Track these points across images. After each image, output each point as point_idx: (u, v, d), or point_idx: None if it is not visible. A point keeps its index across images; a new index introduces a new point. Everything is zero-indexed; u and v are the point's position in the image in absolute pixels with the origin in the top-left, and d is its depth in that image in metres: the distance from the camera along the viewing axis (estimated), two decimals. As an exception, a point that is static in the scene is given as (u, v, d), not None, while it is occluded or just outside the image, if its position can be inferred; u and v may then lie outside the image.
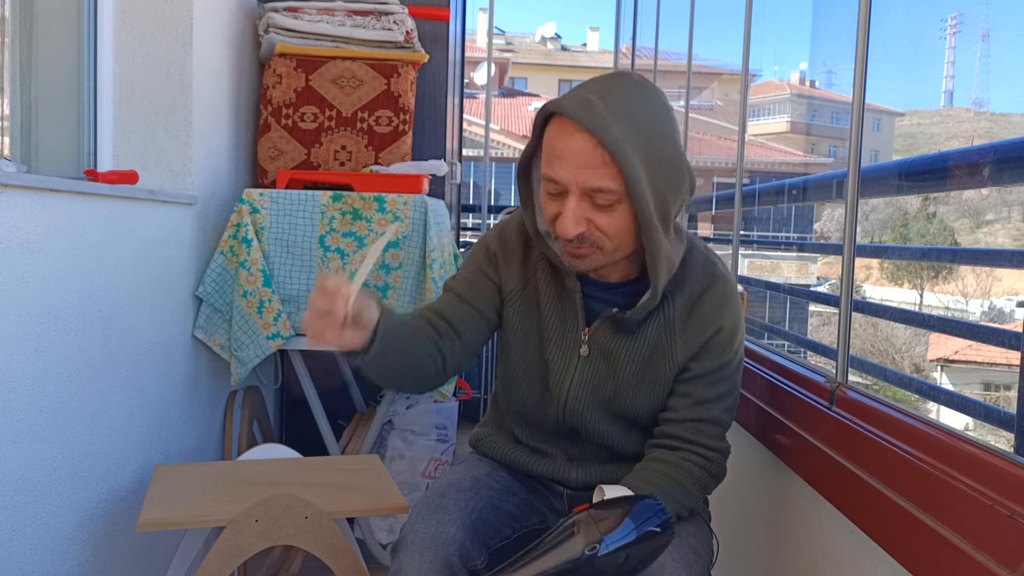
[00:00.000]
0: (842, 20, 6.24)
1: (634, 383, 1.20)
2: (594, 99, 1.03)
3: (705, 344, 1.18)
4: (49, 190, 1.38)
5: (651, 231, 1.06)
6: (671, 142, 1.07)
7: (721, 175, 8.86)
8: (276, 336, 2.09)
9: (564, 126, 1.04)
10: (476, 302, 1.26)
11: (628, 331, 1.19)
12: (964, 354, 7.77)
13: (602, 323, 1.20)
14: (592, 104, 1.02)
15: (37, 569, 1.37)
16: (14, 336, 1.29)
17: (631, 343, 1.19)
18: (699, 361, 1.19)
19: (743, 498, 1.62)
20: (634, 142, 1.02)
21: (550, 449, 1.29)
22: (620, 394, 1.21)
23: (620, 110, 1.03)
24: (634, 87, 1.07)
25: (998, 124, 11.19)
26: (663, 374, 1.20)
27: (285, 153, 2.36)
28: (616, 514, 0.98)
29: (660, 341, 1.18)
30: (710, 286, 1.18)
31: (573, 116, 1.02)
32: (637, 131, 1.03)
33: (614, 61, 4.21)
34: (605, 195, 1.04)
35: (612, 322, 1.19)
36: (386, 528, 2.35)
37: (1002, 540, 0.83)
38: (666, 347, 1.18)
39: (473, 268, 1.29)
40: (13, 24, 1.69)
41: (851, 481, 1.12)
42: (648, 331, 1.19)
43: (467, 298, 1.26)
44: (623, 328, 1.19)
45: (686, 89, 2.74)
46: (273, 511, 1.43)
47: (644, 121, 1.04)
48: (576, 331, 1.21)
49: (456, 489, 1.21)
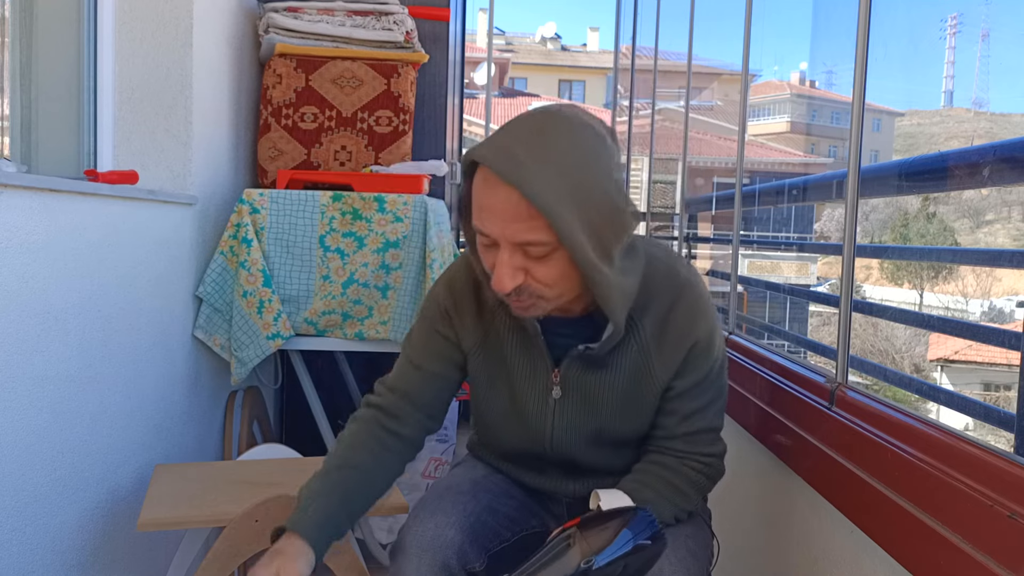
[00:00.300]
0: (842, 20, 6.24)
1: (617, 412, 1.16)
2: (516, 147, 0.95)
3: (684, 360, 1.13)
4: (49, 190, 1.38)
5: (594, 274, 0.99)
6: (605, 178, 0.98)
7: (721, 175, 8.85)
8: (276, 336, 2.09)
9: (487, 177, 0.97)
10: (434, 367, 1.22)
11: (600, 365, 1.13)
12: (964, 354, 7.77)
13: (571, 362, 1.14)
14: (513, 154, 0.95)
15: (37, 569, 1.37)
16: (14, 336, 1.29)
17: (606, 375, 1.14)
18: (681, 378, 1.14)
19: (743, 498, 1.62)
20: (561, 190, 0.94)
21: (543, 466, 1.27)
22: (605, 426, 1.17)
23: (544, 156, 0.95)
24: (560, 126, 0.98)
25: (998, 124, 11.19)
26: (646, 397, 1.15)
27: (285, 153, 2.36)
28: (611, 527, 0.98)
29: (638, 366, 1.13)
30: (678, 299, 1.12)
31: (494, 168, 0.95)
32: (564, 176, 0.95)
33: (614, 61, 4.22)
34: (537, 247, 0.97)
35: (581, 359, 1.13)
36: (386, 528, 2.35)
37: (1002, 540, 0.83)
38: (645, 371, 1.13)
39: (426, 329, 1.23)
40: (13, 24, 1.69)
41: (851, 481, 1.12)
42: (622, 359, 1.13)
43: (424, 365, 1.22)
44: (594, 363, 1.13)
45: (686, 89, 2.74)
46: (273, 511, 1.42)
47: (572, 163, 0.96)
48: (546, 373, 1.16)
49: (454, 492, 1.21)
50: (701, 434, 1.17)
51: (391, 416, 1.21)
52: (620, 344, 1.12)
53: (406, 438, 1.21)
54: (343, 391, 2.67)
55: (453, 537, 1.11)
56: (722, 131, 11.50)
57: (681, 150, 2.84)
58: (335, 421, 2.51)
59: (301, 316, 2.14)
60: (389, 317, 2.14)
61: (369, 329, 2.15)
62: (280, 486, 1.57)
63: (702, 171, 9.30)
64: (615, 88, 4.48)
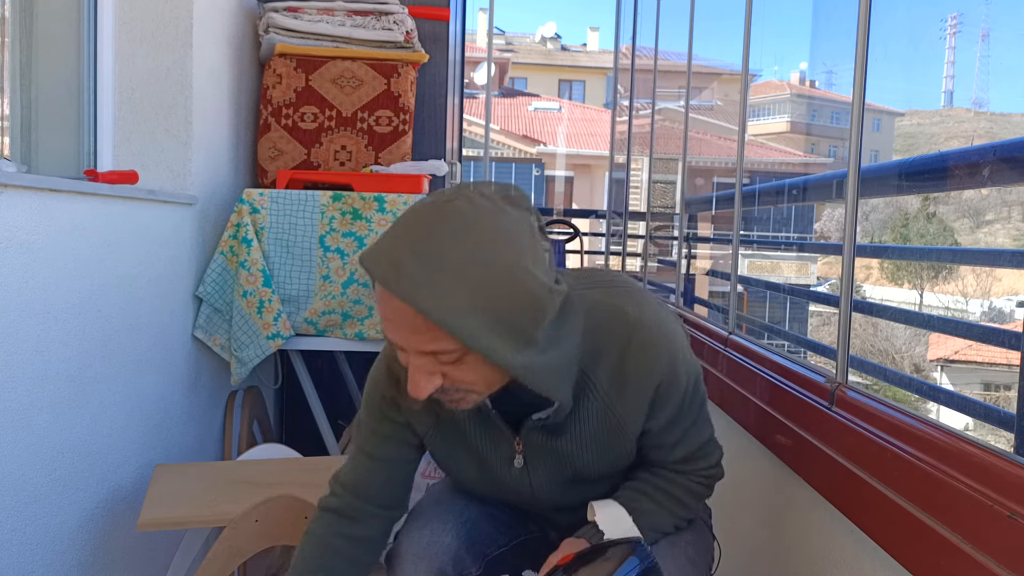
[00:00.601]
0: (842, 20, 6.24)
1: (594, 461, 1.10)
2: (404, 257, 0.87)
3: (652, 402, 1.05)
4: (49, 190, 1.38)
5: (515, 370, 0.90)
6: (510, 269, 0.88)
7: (721, 175, 8.84)
8: (276, 336, 2.09)
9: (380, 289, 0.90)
10: (388, 452, 1.15)
11: (562, 429, 1.07)
12: (964, 354, 7.77)
13: (529, 431, 1.08)
14: (402, 265, 0.87)
15: (37, 569, 1.37)
16: (14, 336, 1.29)
17: (572, 435, 1.08)
18: (654, 418, 1.07)
19: (743, 498, 1.62)
20: (458, 298, 0.86)
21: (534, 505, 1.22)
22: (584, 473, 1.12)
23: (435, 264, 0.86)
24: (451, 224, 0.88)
25: (998, 124, 11.18)
26: (622, 445, 1.09)
27: (285, 153, 2.36)
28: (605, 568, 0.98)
29: (602, 419, 1.06)
30: (628, 343, 1.03)
31: (383, 283, 0.87)
32: (459, 282, 0.86)
33: (614, 61, 4.22)
34: (446, 355, 0.90)
35: (540, 427, 1.07)
36: (386, 528, 2.35)
37: (1002, 540, 0.83)
38: (611, 421, 1.06)
39: (374, 416, 1.16)
40: (13, 24, 1.69)
41: (851, 481, 1.12)
42: (584, 416, 1.06)
43: (376, 453, 1.16)
44: (554, 429, 1.07)
45: (686, 89, 2.74)
46: (273, 511, 1.43)
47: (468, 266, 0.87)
48: (508, 444, 1.10)
49: (451, 496, 1.20)
50: (695, 452, 1.14)
51: (348, 519, 1.16)
52: (577, 403, 1.05)
53: (367, 539, 1.16)
54: (343, 391, 2.67)
55: (449, 543, 1.11)
56: (722, 131, 11.49)
57: (681, 150, 2.84)
58: (335, 421, 2.51)
59: (301, 316, 2.14)
60: (389, 317, 2.14)
61: (369, 329, 2.15)
62: (280, 486, 1.57)
63: (702, 171, 9.29)
64: (615, 88, 4.48)
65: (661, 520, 1.12)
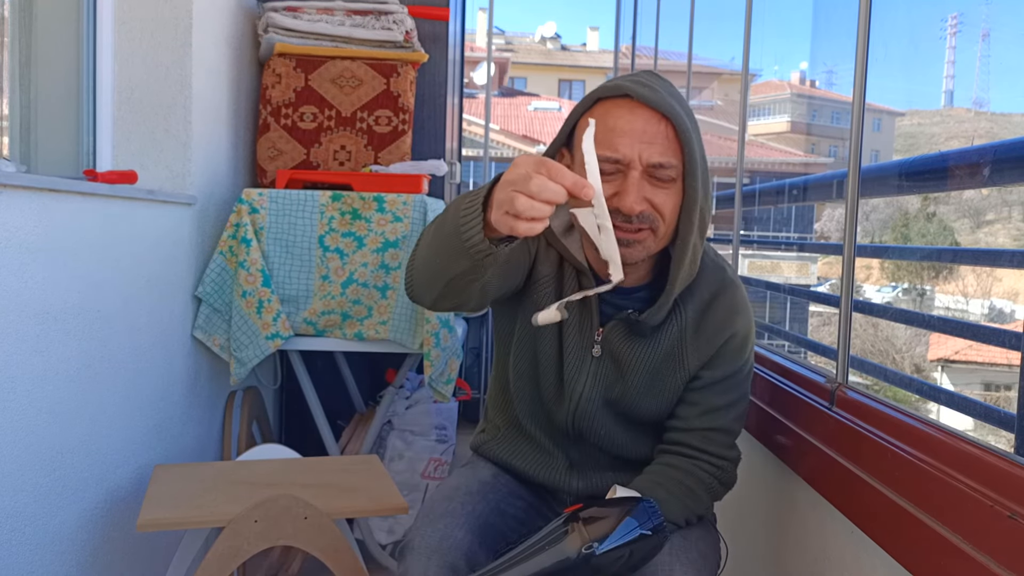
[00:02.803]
0: (842, 20, 6.24)
1: (643, 388, 1.19)
2: (653, 83, 1.07)
3: (717, 351, 1.17)
4: (48, 190, 1.38)
5: (692, 214, 1.08)
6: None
7: (721, 175, 8.85)
8: (275, 336, 2.09)
9: (624, 105, 1.06)
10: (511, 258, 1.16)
11: (641, 335, 1.17)
12: (964, 354, 7.76)
13: (616, 325, 1.18)
14: (651, 85, 1.06)
15: (37, 569, 1.37)
16: (14, 336, 1.29)
17: (642, 348, 1.18)
18: (710, 369, 1.18)
19: (743, 498, 1.62)
20: (689, 123, 1.06)
21: (553, 449, 1.27)
22: (627, 397, 1.20)
23: (673, 94, 1.08)
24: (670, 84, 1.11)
25: (998, 124, 11.18)
26: (673, 381, 1.19)
27: (284, 153, 2.36)
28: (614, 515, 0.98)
29: (672, 348, 1.17)
30: (720, 292, 1.18)
31: (637, 95, 1.04)
32: (688, 115, 1.08)
33: (614, 61, 4.21)
34: (666, 170, 1.05)
35: (626, 325, 1.17)
36: (386, 529, 2.35)
37: (1002, 540, 0.83)
38: (678, 354, 1.18)
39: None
40: (13, 24, 1.69)
41: (851, 481, 1.12)
42: (660, 337, 1.17)
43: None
44: (636, 332, 1.17)
45: (686, 89, 2.74)
46: (273, 511, 1.42)
47: (690, 110, 1.10)
48: (591, 331, 1.19)
49: (463, 492, 1.20)
50: (717, 433, 1.19)
51: None
52: (661, 322, 1.16)
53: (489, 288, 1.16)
54: (343, 391, 2.67)
55: (462, 539, 1.11)
56: (722, 131, 11.48)
57: (681, 150, 2.83)
58: (334, 421, 2.51)
59: (300, 316, 2.14)
60: (388, 317, 2.14)
61: (369, 329, 2.15)
62: (280, 486, 1.57)
63: (702, 171, 9.26)
64: (615, 88, 4.47)
65: (672, 510, 1.15)
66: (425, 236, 1.08)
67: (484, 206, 0.91)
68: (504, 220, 0.86)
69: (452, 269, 0.99)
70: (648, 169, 1.05)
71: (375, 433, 2.33)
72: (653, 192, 1.07)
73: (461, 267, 0.97)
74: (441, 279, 1.03)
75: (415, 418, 2.47)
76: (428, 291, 1.08)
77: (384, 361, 2.56)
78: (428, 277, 1.06)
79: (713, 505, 1.28)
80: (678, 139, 1.05)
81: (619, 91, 1.06)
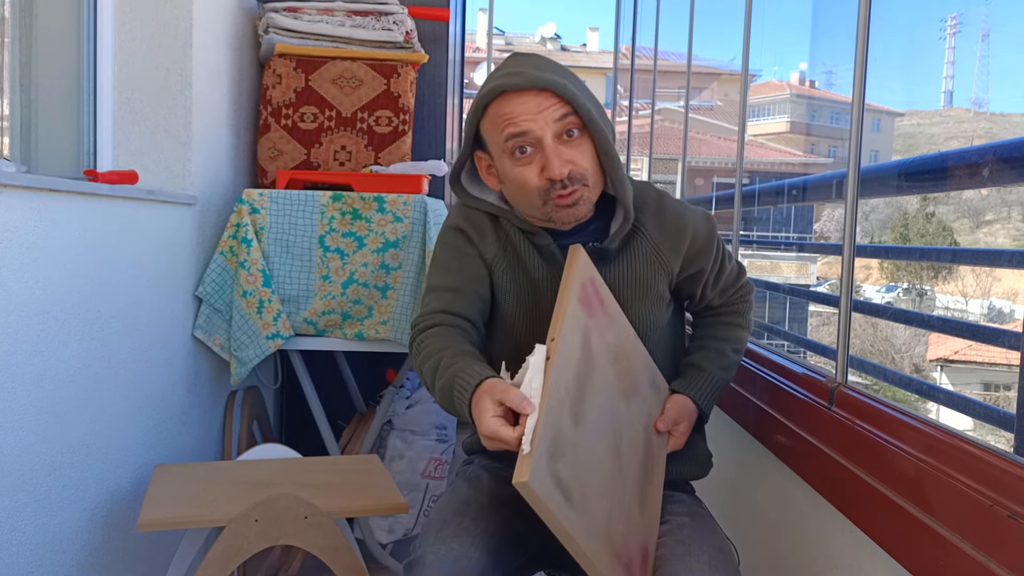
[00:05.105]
0: (842, 20, 6.24)
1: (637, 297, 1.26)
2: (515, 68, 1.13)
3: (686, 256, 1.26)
4: (49, 190, 1.38)
5: (610, 154, 1.16)
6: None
7: (721, 175, 8.84)
8: (276, 336, 2.09)
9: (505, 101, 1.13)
10: (475, 288, 1.26)
11: (611, 259, 1.24)
12: (964, 354, 7.77)
13: None
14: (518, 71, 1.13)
15: (37, 569, 1.37)
16: (14, 336, 1.29)
17: (619, 268, 1.25)
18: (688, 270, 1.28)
19: (743, 498, 1.62)
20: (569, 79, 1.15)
21: None
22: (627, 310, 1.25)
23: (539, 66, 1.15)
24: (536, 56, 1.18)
25: (998, 124, 11.18)
26: (662, 283, 1.27)
27: (285, 153, 2.36)
28: None
29: (647, 254, 1.25)
30: (661, 197, 1.27)
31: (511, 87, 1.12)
32: (565, 75, 1.15)
33: (614, 61, 4.22)
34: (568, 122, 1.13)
35: (594, 255, 1.22)
36: (386, 528, 2.35)
37: (1002, 540, 0.83)
38: (655, 256, 1.26)
39: (451, 254, 1.28)
40: (13, 24, 1.69)
41: (851, 481, 1.12)
42: (632, 251, 1.25)
43: (465, 289, 1.26)
44: (606, 258, 1.24)
45: (686, 89, 2.74)
46: (273, 511, 1.43)
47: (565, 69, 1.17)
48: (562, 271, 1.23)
49: (475, 507, 1.17)
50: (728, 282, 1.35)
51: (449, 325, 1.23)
52: (627, 240, 1.25)
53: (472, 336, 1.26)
54: (343, 391, 2.67)
55: (477, 560, 1.08)
56: (722, 131, 11.50)
57: (681, 150, 2.84)
58: (335, 421, 2.51)
59: (301, 316, 2.14)
60: (389, 317, 2.14)
61: (369, 329, 2.15)
62: (280, 486, 1.57)
63: (702, 171, 9.30)
64: (615, 88, 4.48)
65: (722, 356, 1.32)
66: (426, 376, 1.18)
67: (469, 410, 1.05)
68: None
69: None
70: (556, 133, 1.13)
71: (375, 433, 2.33)
72: (572, 153, 1.14)
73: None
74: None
75: (415, 418, 2.47)
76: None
77: (384, 361, 2.56)
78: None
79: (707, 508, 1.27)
80: (562, 98, 1.12)
81: (497, 91, 1.13)
